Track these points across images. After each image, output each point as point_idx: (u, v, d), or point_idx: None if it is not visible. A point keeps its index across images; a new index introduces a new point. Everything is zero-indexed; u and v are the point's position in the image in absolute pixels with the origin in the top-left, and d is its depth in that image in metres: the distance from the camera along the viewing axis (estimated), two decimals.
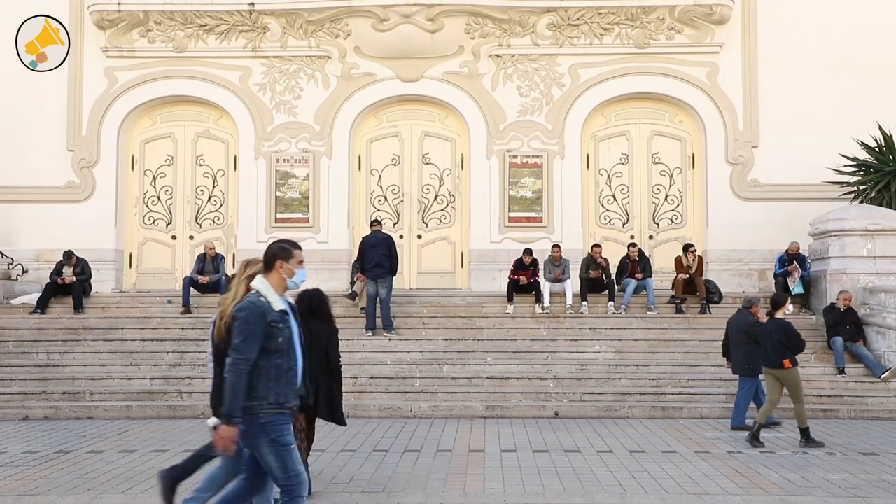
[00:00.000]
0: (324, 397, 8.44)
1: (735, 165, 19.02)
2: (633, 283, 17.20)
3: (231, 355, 5.59)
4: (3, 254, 18.65)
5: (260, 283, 5.76)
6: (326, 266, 18.76)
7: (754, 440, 11.09)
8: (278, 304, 5.68)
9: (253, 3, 18.88)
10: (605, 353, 15.61)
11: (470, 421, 13.28)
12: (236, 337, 5.59)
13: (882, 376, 14.56)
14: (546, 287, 17.21)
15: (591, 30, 19.09)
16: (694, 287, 17.25)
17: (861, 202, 17.40)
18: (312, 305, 8.58)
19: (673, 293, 17.37)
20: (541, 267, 17.45)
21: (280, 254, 5.80)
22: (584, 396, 14.22)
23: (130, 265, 19.67)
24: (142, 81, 19.47)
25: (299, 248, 5.93)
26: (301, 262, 5.86)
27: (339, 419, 8.61)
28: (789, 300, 11.31)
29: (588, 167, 19.55)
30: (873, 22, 19.09)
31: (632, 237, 19.16)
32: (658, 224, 19.52)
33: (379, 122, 19.79)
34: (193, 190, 19.81)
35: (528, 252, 17.34)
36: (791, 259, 17.19)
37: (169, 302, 17.58)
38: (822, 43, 19.06)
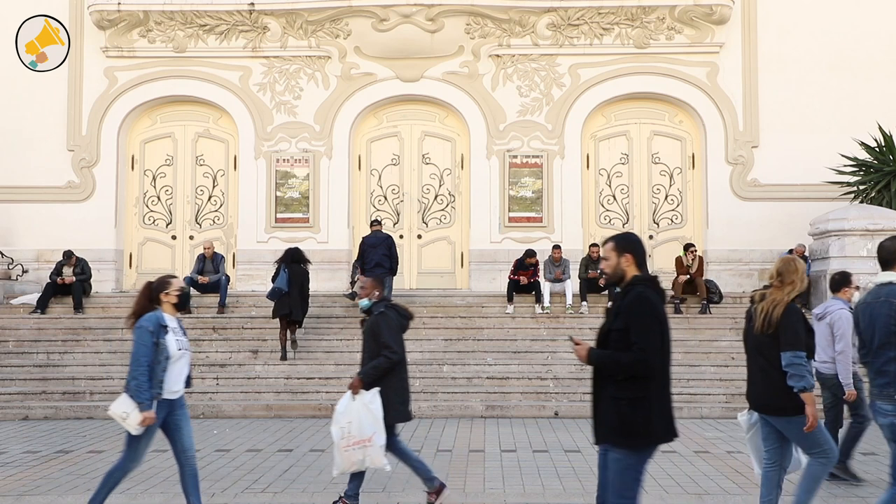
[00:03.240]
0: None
1: (735, 165, 19.02)
2: None
3: None
4: (3, 254, 18.65)
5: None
6: (326, 266, 18.77)
7: None
8: None
9: (253, 3, 18.88)
10: None
11: (470, 421, 13.27)
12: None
13: None
14: (546, 287, 17.21)
15: (591, 30, 19.09)
16: (694, 287, 17.25)
17: (861, 202, 17.39)
18: (295, 256, 15.31)
19: (673, 293, 17.36)
20: (541, 267, 17.45)
21: None
22: (584, 396, 14.20)
23: (130, 265, 19.67)
24: (142, 81, 19.47)
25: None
26: None
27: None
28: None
29: (588, 167, 19.55)
30: (873, 22, 19.09)
31: None
32: (658, 224, 19.52)
33: (379, 122, 19.79)
34: (193, 190, 19.81)
35: (531, 254, 17.32)
36: None
37: None
38: (822, 43, 19.06)
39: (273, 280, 15.46)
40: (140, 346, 6.88)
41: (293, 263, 15.28)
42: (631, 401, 5.11)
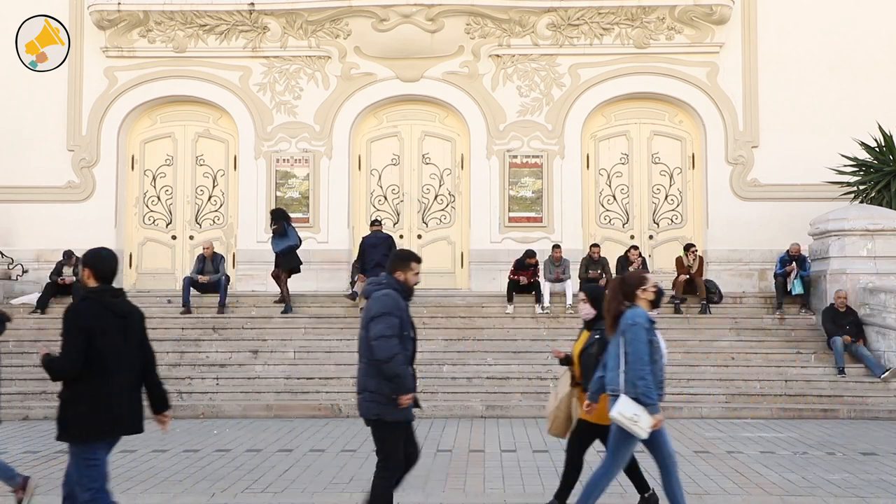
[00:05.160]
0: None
1: (735, 165, 19.02)
2: None
3: None
4: (3, 254, 18.65)
5: None
6: (326, 266, 18.77)
7: None
8: None
9: (253, 3, 18.87)
10: None
11: (470, 421, 13.28)
12: None
13: (882, 376, 14.57)
14: (546, 287, 17.21)
15: (591, 30, 19.09)
16: (694, 287, 17.25)
17: (861, 202, 17.40)
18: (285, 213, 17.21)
19: (673, 293, 17.36)
20: (541, 267, 17.45)
21: None
22: None
23: (130, 265, 19.66)
24: (142, 81, 19.47)
25: None
26: None
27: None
28: None
29: (588, 167, 19.55)
30: (873, 22, 19.09)
31: (632, 237, 19.16)
32: (658, 224, 19.52)
33: (379, 122, 19.79)
34: (193, 190, 19.81)
35: (531, 254, 17.32)
36: (792, 259, 17.19)
37: (169, 302, 17.57)
38: (822, 43, 19.06)
39: (277, 236, 17.03)
40: (638, 344, 6.50)
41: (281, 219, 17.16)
42: (63, 399, 5.78)
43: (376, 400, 6.48)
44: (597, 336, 7.22)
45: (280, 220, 17.11)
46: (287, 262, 17.09)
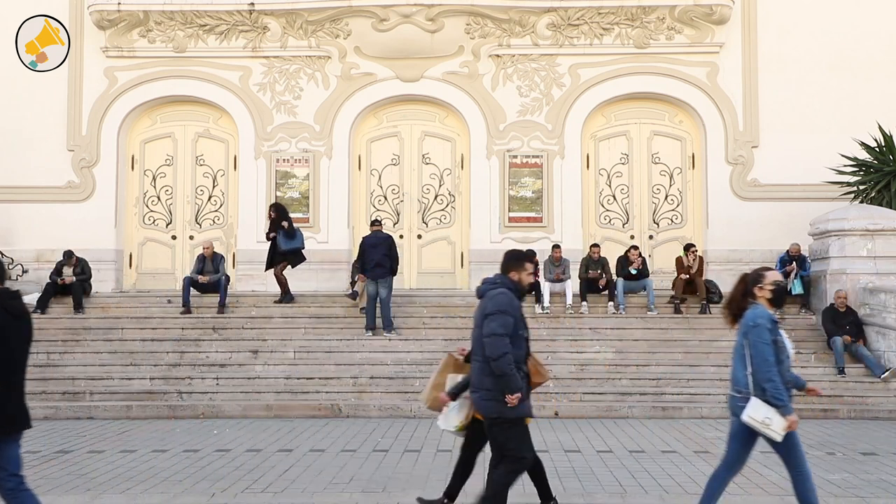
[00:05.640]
0: None
1: (735, 165, 19.03)
2: (621, 282, 17.18)
3: None
4: (3, 254, 18.62)
5: None
6: (326, 266, 18.78)
7: None
8: None
9: (253, 3, 18.88)
10: (605, 353, 15.61)
11: None
12: None
13: (882, 376, 14.57)
14: (546, 287, 17.21)
15: (591, 30, 19.09)
16: (694, 287, 17.25)
17: (861, 202, 17.40)
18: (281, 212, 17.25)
19: (673, 293, 17.36)
20: (541, 267, 17.44)
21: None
22: (584, 396, 14.22)
23: (130, 265, 19.66)
24: (142, 81, 19.47)
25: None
26: None
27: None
28: None
29: (588, 167, 19.55)
30: (873, 22, 19.09)
31: (632, 237, 19.16)
32: (658, 224, 19.52)
33: (379, 122, 19.79)
34: (193, 190, 19.81)
35: (531, 254, 17.24)
36: (792, 259, 17.20)
37: (169, 302, 17.58)
38: (822, 43, 19.06)
39: (285, 233, 17.27)
40: (762, 344, 6.36)
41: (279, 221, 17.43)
42: None
43: (495, 398, 6.54)
44: None
45: (289, 218, 17.47)
46: (291, 260, 17.41)
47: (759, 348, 6.37)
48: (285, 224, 17.31)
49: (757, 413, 6.34)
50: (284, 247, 17.24)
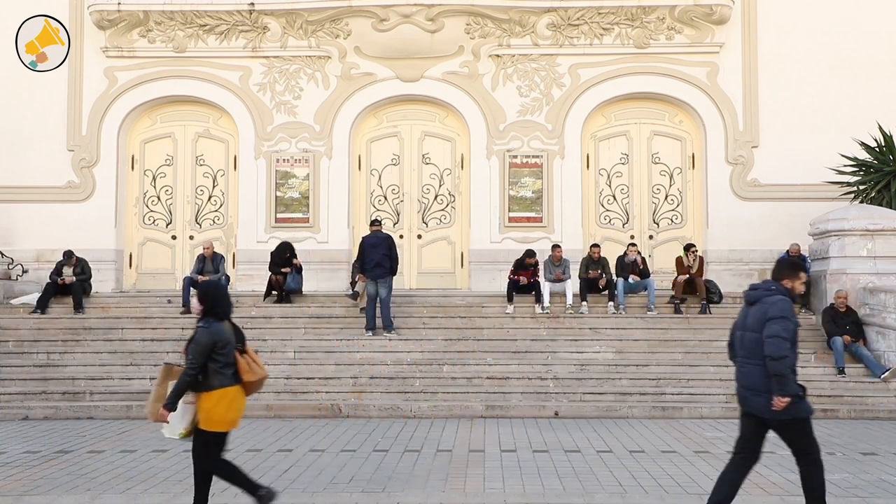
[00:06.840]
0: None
1: (735, 165, 19.03)
2: (621, 282, 17.18)
3: None
4: (3, 254, 18.66)
5: None
6: (326, 266, 18.79)
7: None
8: None
9: (253, 3, 18.88)
10: (605, 353, 15.61)
11: (470, 421, 13.27)
12: None
13: (882, 376, 14.56)
14: (546, 287, 17.20)
15: (591, 30, 19.09)
16: (694, 287, 17.25)
17: (861, 202, 17.40)
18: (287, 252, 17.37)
19: (673, 293, 17.36)
20: (541, 267, 17.44)
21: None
22: (584, 396, 14.22)
23: (130, 265, 19.67)
24: (142, 81, 19.47)
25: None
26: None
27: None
28: None
29: (588, 167, 19.55)
30: (873, 22, 19.10)
31: (632, 237, 19.15)
32: (658, 224, 19.52)
33: (379, 122, 19.80)
34: (193, 190, 19.81)
35: (531, 254, 17.32)
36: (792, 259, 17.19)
37: (169, 302, 17.58)
38: (822, 43, 19.07)
39: (295, 271, 17.45)
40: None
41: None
42: None
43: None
44: (200, 325, 7.57)
45: (286, 264, 17.52)
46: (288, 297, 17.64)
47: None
48: (297, 262, 17.51)
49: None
50: (294, 285, 17.43)
